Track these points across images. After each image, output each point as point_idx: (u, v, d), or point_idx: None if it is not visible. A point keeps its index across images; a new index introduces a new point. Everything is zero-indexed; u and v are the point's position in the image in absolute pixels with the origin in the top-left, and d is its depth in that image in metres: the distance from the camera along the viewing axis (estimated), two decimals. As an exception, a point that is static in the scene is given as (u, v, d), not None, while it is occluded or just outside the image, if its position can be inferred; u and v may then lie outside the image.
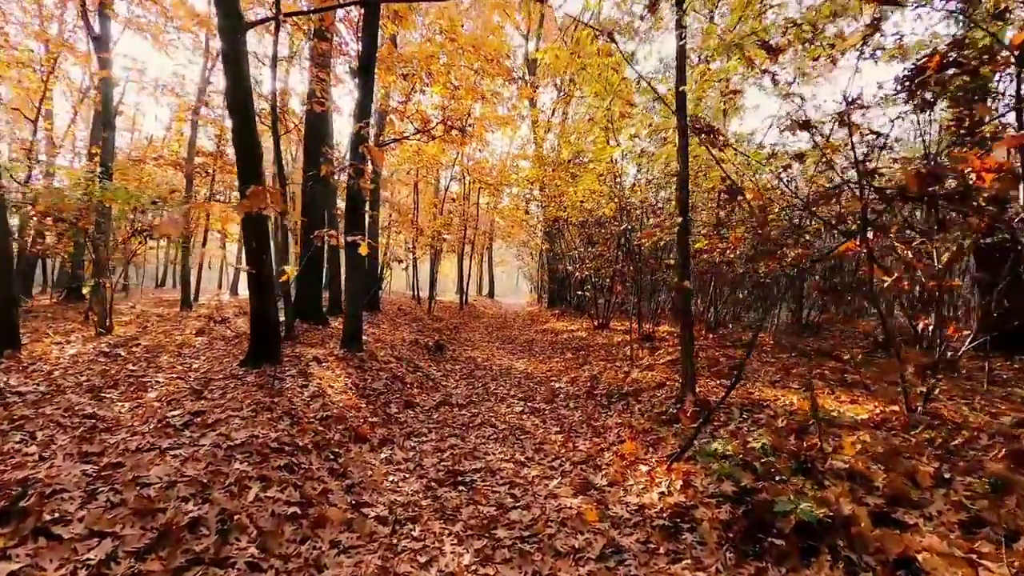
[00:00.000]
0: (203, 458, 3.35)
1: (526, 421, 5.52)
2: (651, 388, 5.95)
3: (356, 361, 6.92)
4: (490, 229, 27.19)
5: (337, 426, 4.53)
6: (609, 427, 5.03)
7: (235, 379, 5.45)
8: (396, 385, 6.46)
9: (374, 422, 4.96)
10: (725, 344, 8.51)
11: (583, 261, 13.30)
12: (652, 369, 6.89)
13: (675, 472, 3.61)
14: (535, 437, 4.96)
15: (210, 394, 4.87)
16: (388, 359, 7.61)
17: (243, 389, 5.02)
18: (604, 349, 9.43)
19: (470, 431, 5.18)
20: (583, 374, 7.72)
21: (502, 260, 38.11)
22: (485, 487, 3.73)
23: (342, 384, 5.76)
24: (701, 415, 4.59)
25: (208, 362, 6.46)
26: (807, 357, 7.08)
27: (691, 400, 4.86)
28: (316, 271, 10.86)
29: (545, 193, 13.82)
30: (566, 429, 5.15)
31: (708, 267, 9.17)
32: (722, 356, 7.37)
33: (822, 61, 4.51)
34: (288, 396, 4.98)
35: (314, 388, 5.36)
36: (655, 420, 4.84)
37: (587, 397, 6.34)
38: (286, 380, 5.54)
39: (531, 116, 18.04)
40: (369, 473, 3.80)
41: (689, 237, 5.12)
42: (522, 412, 5.89)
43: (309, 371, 6.03)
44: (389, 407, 5.59)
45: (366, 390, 5.85)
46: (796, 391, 5.10)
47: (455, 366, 8.86)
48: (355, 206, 7.41)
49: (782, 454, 3.36)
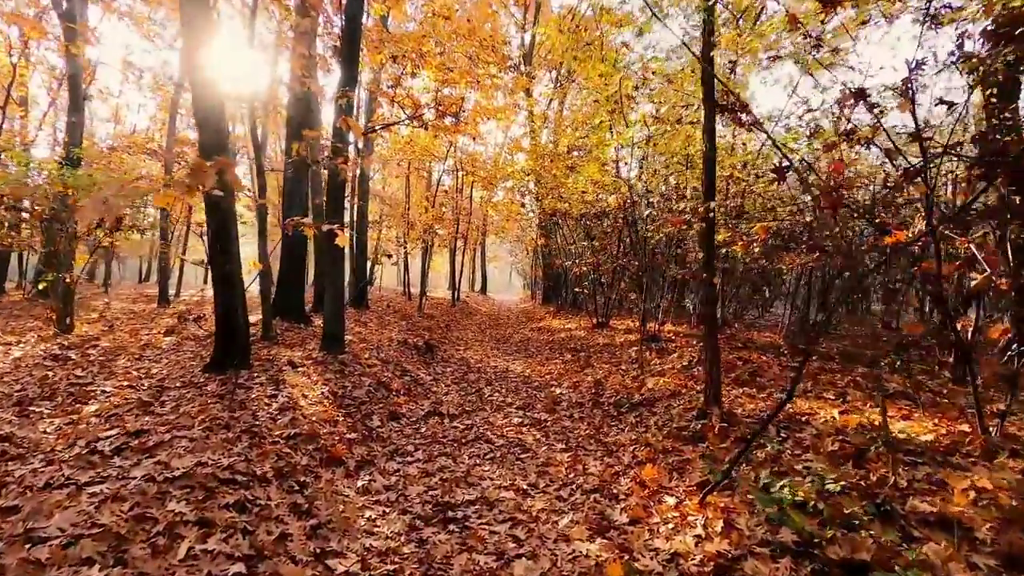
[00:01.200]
0: (130, 496, 2.67)
1: (526, 435, 4.88)
2: (665, 397, 5.33)
3: (337, 365, 6.24)
4: (483, 224, 26.51)
5: (307, 446, 3.86)
6: (622, 444, 4.40)
7: (194, 388, 4.77)
8: (380, 393, 5.79)
9: (352, 439, 4.29)
10: (736, 345, 7.93)
11: (581, 256, 12.68)
12: (663, 375, 6.28)
13: (711, 508, 2.99)
14: (537, 456, 4.32)
15: (160, 407, 4.19)
16: (373, 362, 6.93)
17: (200, 401, 4.34)
18: (606, 350, 8.81)
19: (463, 448, 4.53)
20: (586, 378, 7.09)
21: (495, 256, 37.44)
22: (481, 526, 3.08)
23: (318, 393, 5.09)
24: (731, 432, 3.97)
25: (169, 367, 5.76)
26: (829, 360, 6.51)
27: (717, 414, 4.24)
28: (298, 266, 10.14)
29: (542, 185, 13.16)
30: (572, 446, 4.52)
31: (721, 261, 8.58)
32: (736, 359, 6.77)
33: (871, 26, 3.87)
34: (252, 409, 4.30)
35: (284, 398, 4.68)
36: (676, 437, 4.22)
37: (593, 406, 5.71)
38: (253, 389, 4.86)
39: (527, 106, 17.33)
40: (341, 509, 3.14)
41: (714, 225, 4.49)
42: (521, 424, 5.25)
43: (281, 378, 5.35)
44: (371, 419, 4.92)
45: (345, 399, 5.18)
46: (833, 403, 4.50)
47: (446, 368, 8.20)
48: (336, 192, 6.71)
49: (848, 490, 2.74)
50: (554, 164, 12.65)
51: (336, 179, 6.56)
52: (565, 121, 17.95)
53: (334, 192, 6.72)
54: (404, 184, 21.16)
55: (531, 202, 16.40)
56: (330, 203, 6.71)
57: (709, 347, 4.42)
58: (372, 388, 5.79)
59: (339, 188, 6.69)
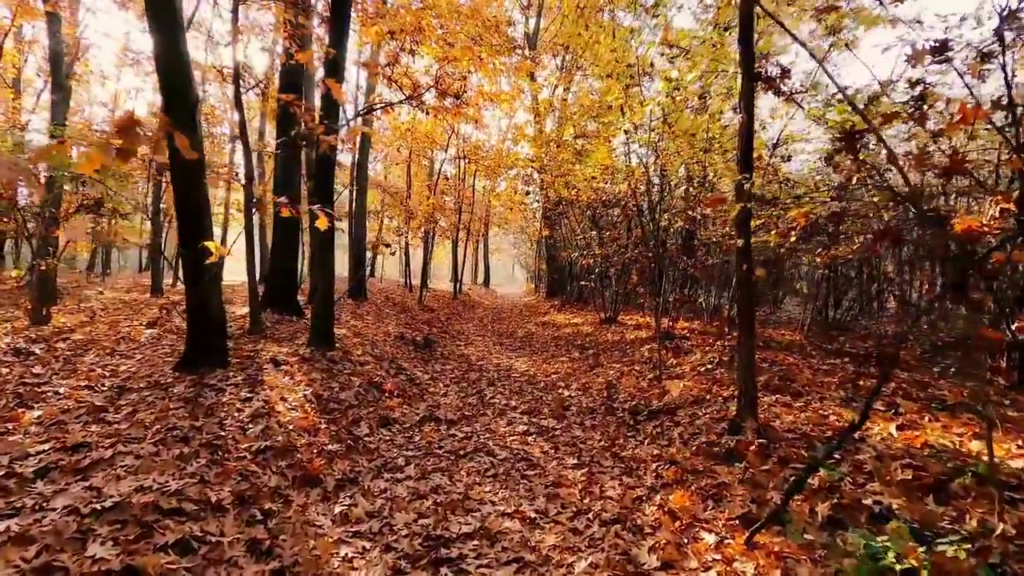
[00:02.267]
0: (40, 537, 2.13)
1: (533, 447, 4.33)
2: (688, 404, 4.77)
3: (325, 363, 5.69)
4: (486, 215, 25.90)
5: (279, 462, 3.32)
6: (643, 460, 3.84)
7: (158, 389, 4.23)
8: (371, 394, 5.25)
9: (333, 452, 3.75)
10: (757, 344, 7.35)
11: (588, 247, 12.08)
12: (682, 377, 5.71)
13: (762, 552, 2.43)
14: (546, 473, 3.77)
15: (114, 414, 3.65)
16: (365, 359, 6.38)
17: (161, 406, 3.80)
18: (616, 348, 8.25)
19: (461, 462, 3.98)
20: (596, 379, 6.54)
21: (498, 248, 36.88)
22: (480, 570, 2.53)
23: (300, 396, 4.54)
24: (772, 451, 3.41)
25: (140, 363, 5.22)
26: (858, 362, 5.94)
27: (753, 428, 3.68)
28: (292, 255, 9.60)
29: (548, 172, 12.54)
30: (586, 461, 3.96)
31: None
32: (760, 361, 6.20)
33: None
34: (220, 416, 3.76)
35: (260, 403, 4.14)
36: (707, 454, 3.66)
37: (606, 412, 5.15)
38: (226, 391, 4.31)
39: (532, 90, 16.66)
40: (311, 545, 2.60)
41: (752, 208, 3.90)
42: (526, 432, 4.70)
43: (261, 378, 4.80)
44: (358, 427, 4.38)
45: (331, 403, 4.64)
46: (884, 415, 3.93)
47: (445, 366, 7.65)
48: (324, 172, 6.13)
49: (941, 537, 2.17)
50: (560, 150, 12.03)
51: (324, 157, 5.98)
52: (571, 108, 17.27)
53: (322, 171, 6.13)
54: (405, 173, 20.58)
55: (535, 191, 15.76)
56: (318, 183, 6.13)
57: (744, 350, 3.85)
58: (362, 389, 5.25)
59: (327, 167, 6.11)
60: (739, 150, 3.85)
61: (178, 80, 4.34)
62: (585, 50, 12.83)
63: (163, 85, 4.33)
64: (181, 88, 4.37)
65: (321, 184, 6.12)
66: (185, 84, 4.38)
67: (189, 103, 4.42)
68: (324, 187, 6.17)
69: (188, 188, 4.53)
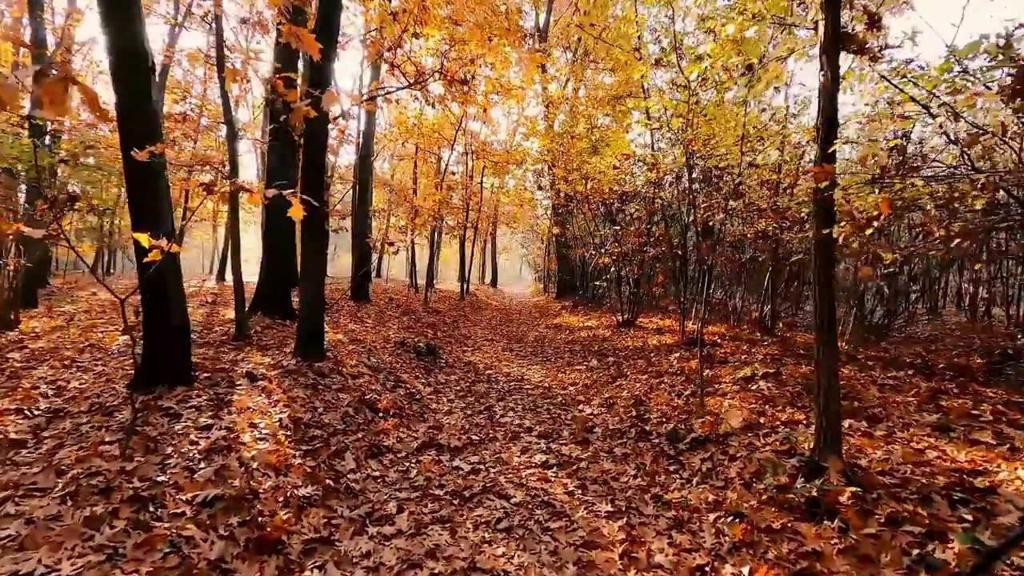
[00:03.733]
0: None
1: (554, 485, 3.54)
2: (740, 430, 3.95)
3: (311, 376, 4.94)
4: (494, 213, 25.14)
5: (229, 519, 2.56)
6: (695, 508, 3.04)
7: (100, 414, 3.50)
8: (362, 415, 4.48)
9: (306, 498, 2.98)
10: (796, 351, 6.53)
11: (604, 244, 11.27)
12: (724, 395, 4.90)
13: None
14: (573, 525, 2.98)
15: (31, 450, 2.91)
16: (359, 370, 5.63)
17: (94, 439, 3.06)
18: (639, 355, 7.44)
19: (466, 509, 3.20)
20: (620, 393, 5.74)
21: (505, 247, 36.12)
22: None
23: (274, 420, 3.79)
24: (873, 505, 2.60)
25: (95, 378, 4.51)
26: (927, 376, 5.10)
27: (838, 469, 2.87)
28: (285, 254, 8.88)
29: (561, 166, 11.75)
30: (622, 508, 3.17)
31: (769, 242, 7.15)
32: (811, 374, 5.39)
33: None
34: (167, 452, 3.01)
35: (222, 432, 3.39)
36: (779, 504, 2.85)
37: (638, 437, 4.35)
38: (183, 416, 3.57)
39: (542, 82, 15.86)
40: (251, 660, 1.83)
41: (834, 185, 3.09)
42: (545, 465, 3.91)
43: (230, 397, 4.05)
44: (342, 459, 3.61)
45: (311, 428, 3.88)
46: (999, 451, 3.10)
47: (450, 376, 6.88)
48: (313, 157, 5.37)
49: None
50: (575, 141, 11.25)
51: (312, 134, 5.24)
52: (583, 101, 16.47)
53: (310, 151, 5.36)
54: (411, 169, 19.85)
55: (547, 185, 14.97)
56: (304, 166, 5.37)
57: (825, 369, 3.03)
58: (352, 409, 4.48)
59: (315, 146, 5.35)
60: (819, 117, 3.04)
61: (127, 36, 3.60)
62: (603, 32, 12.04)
63: (108, 42, 3.59)
64: (131, 46, 3.62)
65: (308, 167, 5.36)
66: (135, 40, 3.63)
67: (142, 67, 3.68)
68: (311, 170, 5.38)
69: (142, 172, 3.79)
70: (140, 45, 3.64)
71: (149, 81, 3.75)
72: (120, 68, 3.64)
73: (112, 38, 3.59)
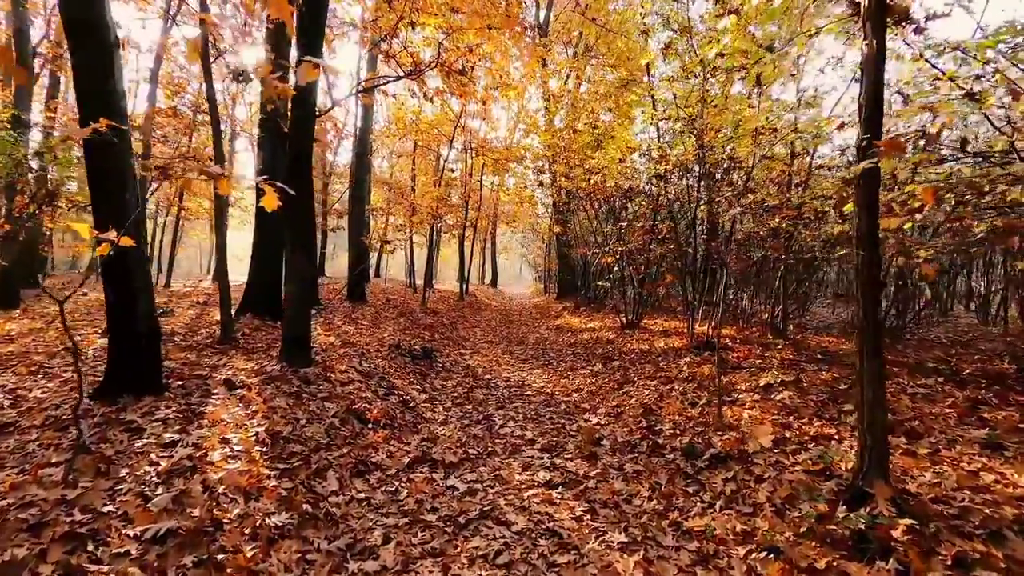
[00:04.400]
0: None
1: (560, 508, 3.17)
2: (766, 448, 3.58)
3: (295, 384, 4.57)
4: (494, 212, 24.78)
5: (182, 558, 2.19)
6: (723, 540, 2.67)
7: (53, 429, 3.13)
8: (348, 427, 4.11)
9: (279, 528, 2.61)
10: (813, 356, 6.17)
11: (607, 243, 10.88)
12: (744, 404, 4.53)
13: None
14: (583, 559, 2.61)
15: (-37, 473, 2.54)
16: (349, 376, 5.26)
17: (39, 459, 2.69)
18: (646, 359, 7.07)
19: (460, 538, 2.82)
20: (628, 401, 5.37)
21: (505, 247, 35.75)
22: None
23: (250, 435, 3.42)
24: (933, 540, 2.23)
25: (61, 386, 4.15)
26: (958, 384, 4.73)
27: (887, 497, 2.50)
28: (276, 253, 8.51)
29: (562, 162, 11.38)
30: (638, 537, 2.80)
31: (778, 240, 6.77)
32: (833, 381, 5.04)
33: None
34: (121, 474, 2.64)
35: (188, 450, 3.02)
36: (820, 537, 2.48)
37: (650, 451, 3.98)
38: (146, 431, 3.20)
39: (543, 76, 15.50)
40: None
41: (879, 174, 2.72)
42: (549, 484, 3.53)
43: (202, 408, 3.69)
44: (323, 479, 3.24)
45: (291, 443, 3.51)
46: (1066, 474, 2.73)
47: (447, 382, 6.51)
48: (298, 146, 4.99)
49: None
50: (576, 137, 10.88)
51: (299, 130, 4.87)
52: (584, 96, 16.12)
53: (298, 147, 4.99)
54: (410, 167, 19.50)
55: (548, 182, 14.61)
56: (292, 161, 4.99)
57: (869, 377, 2.66)
58: (338, 420, 4.11)
59: (303, 141, 4.97)
60: (864, 91, 2.67)
61: (82, 2, 3.22)
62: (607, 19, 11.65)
63: (61, 7, 3.22)
64: (86, 15, 3.25)
65: (294, 159, 4.97)
66: (91, 8, 3.26)
67: (102, 40, 3.31)
68: (297, 161, 4.98)
69: (102, 158, 3.42)
70: (98, 14, 3.27)
71: (111, 57, 3.38)
72: (76, 40, 3.27)
73: (65, 4, 3.22)
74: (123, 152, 3.48)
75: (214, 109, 6.28)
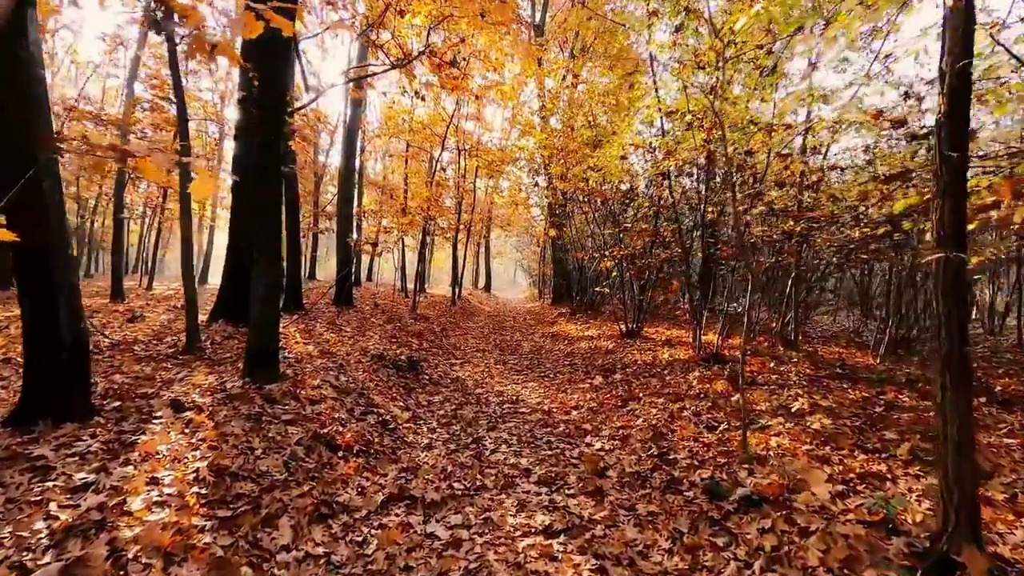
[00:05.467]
0: None
1: (562, 566, 2.59)
2: (805, 486, 3.03)
3: (257, 404, 3.98)
4: (488, 216, 24.25)
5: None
6: (769, 619, 2.12)
7: (-65, 470, 2.52)
8: (314, 457, 3.52)
9: (202, 606, 2.03)
10: (832, 370, 5.66)
11: (605, 247, 10.35)
12: (770, 431, 3.98)
13: None
14: (594, 645, 2.04)
15: None
16: (321, 394, 4.67)
17: None
18: (651, 373, 6.52)
19: (439, 611, 2.25)
20: (635, 421, 4.82)
21: (499, 251, 35.20)
22: None
23: (188, 472, 2.82)
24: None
25: (-17, 406, 3.53)
26: (1010, 408, 4.23)
27: (980, 565, 1.95)
28: (250, 253, 7.91)
29: (558, 163, 10.87)
30: (661, 611, 2.24)
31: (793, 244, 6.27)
32: (863, 401, 4.52)
33: None
34: (1, 534, 2.05)
35: (100, 496, 2.42)
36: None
37: (664, 487, 3.42)
38: (55, 469, 2.61)
39: (540, 74, 15.01)
40: None
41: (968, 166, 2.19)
42: (548, 531, 2.96)
43: (136, 438, 3.09)
44: (272, 528, 2.65)
45: (239, 480, 2.91)
46: None
47: (433, 397, 5.93)
48: (264, 130, 4.40)
49: None
50: (573, 135, 10.37)
51: (268, 109, 4.28)
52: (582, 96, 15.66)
53: (264, 130, 4.40)
54: (402, 169, 18.93)
55: (543, 184, 14.11)
56: (259, 150, 4.41)
57: (955, 417, 2.12)
58: (302, 449, 3.52)
59: (272, 123, 4.38)
60: (945, 58, 2.14)
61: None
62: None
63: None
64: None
65: (262, 137, 4.37)
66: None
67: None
68: (264, 134, 4.36)
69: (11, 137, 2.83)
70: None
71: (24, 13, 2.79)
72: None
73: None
74: (33, 132, 2.89)
75: (179, 93, 5.70)
